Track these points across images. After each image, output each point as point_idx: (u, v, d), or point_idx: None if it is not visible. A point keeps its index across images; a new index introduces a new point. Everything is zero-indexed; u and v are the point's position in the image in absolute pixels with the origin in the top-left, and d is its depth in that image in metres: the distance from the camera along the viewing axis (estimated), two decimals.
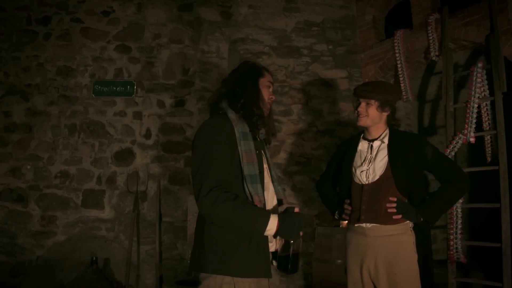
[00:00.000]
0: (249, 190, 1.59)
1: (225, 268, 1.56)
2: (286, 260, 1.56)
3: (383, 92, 2.22)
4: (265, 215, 1.54)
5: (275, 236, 1.57)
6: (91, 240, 4.05)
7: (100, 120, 4.24)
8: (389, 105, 2.24)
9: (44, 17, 4.34)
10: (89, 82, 4.28)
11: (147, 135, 4.26)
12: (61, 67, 4.29)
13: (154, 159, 4.22)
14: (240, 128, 1.66)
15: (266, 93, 1.81)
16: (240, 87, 1.76)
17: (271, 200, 1.72)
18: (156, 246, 3.99)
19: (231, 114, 1.70)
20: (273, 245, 1.68)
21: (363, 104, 2.24)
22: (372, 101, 2.21)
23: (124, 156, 4.21)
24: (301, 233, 1.57)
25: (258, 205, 1.58)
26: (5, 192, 4.09)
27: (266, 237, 1.60)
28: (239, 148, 1.62)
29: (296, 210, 1.60)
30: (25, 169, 4.13)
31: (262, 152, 1.78)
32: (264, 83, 1.81)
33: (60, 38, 4.33)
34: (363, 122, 2.25)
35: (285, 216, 1.56)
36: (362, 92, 2.23)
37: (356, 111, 2.28)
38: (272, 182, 1.79)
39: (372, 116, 2.23)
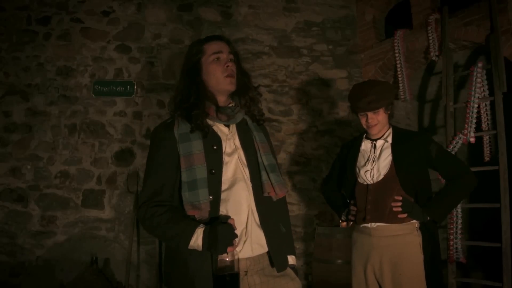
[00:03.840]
0: (185, 199, 1.42)
1: (170, 285, 1.49)
2: (221, 282, 1.34)
3: (386, 94, 2.20)
4: (190, 229, 1.36)
5: (204, 251, 1.36)
6: (91, 240, 4.04)
7: (100, 120, 4.24)
8: (391, 103, 2.25)
9: (44, 17, 4.34)
10: (89, 82, 4.27)
11: (147, 135, 4.25)
12: (61, 67, 4.28)
13: None
14: (180, 130, 1.49)
15: (216, 69, 1.53)
16: (179, 83, 1.59)
17: (236, 199, 1.47)
18: (156, 246, 3.99)
19: (177, 115, 1.55)
20: (239, 252, 1.44)
21: (371, 115, 2.20)
22: (380, 108, 2.19)
23: (124, 156, 4.21)
24: (230, 249, 1.32)
25: (196, 215, 1.40)
26: (5, 192, 4.09)
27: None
28: (179, 153, 1.46)
29: (230, 221, 1.37)
30: (25, 169, 4.13)
31: (237, 141, 1.54)
32: (207, 61, 1.54)
33: (60, 38, 4.32)
34: (377, 130, 2.24)
35: (210, 229, 1.34)
36: (371, 105, 2.16)
37: (366, 124, 2.23)
38: (259, 171, 1.53)
39: (382, 121, 2.23)
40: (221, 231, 1.33)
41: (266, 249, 1.50)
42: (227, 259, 1.33)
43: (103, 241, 4.06)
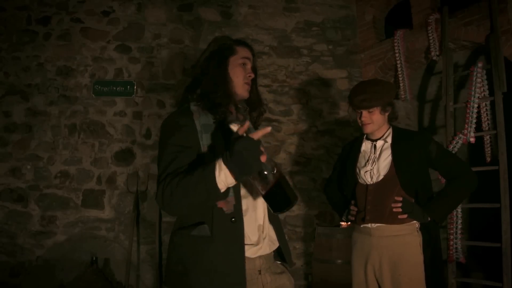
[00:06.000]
0: None
1: (186, 284, 1.37)
2: (274, 197, 1.24)
3: (382, 95, 2.18)
4: (211, 166, 1.25)
5: (237, 180, 1.26)
6: (91, 240, 4.04)
7: (100, 120, 4.24)
8: (390, 105, 2.23)
9: (44, 17, 4.34)
10: (89, 82, 4.28)
11: (147, 135, 4.26)
12: (61, 67, 4.28)
13: (154, 159, 4.21)
14: (202, 120, 1.45)
15: (240, 73, 1.56)
16: (202, 73, 1.55)
17: (253, 196, 1.48)
18: (156, 246, 3.99)
19: (193, 106, 1.51)
20: (259, 249, 1.44)
21: (365, 114, 2.20)
22: (374, 108, 2.18)
23: (124, 156, 4.21)
24: (263, 157, 1.20)
25: (224, 207, 1.37)
26: (5, 192, 4.09)
27: (240, 243, 1.37)
28: (201, 143, 1.41)
29: (241, 130, 1.24)
30: (25, 169, 4.13)
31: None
32: (235, 61, 1.57)
33: (60, 38, 4.32)
34: (369, 129, 2.23)
35: (229, 152, 1.22)
36: (363, 103, 2.17)
37: (359, 121, 2.23)
38: None
39: (377, 121, 2.21)
40: (243, 144, 1.19)
41: (277, 245, 1.53)
42: (265, 172, 1.20)
43: (103, 241, 4.06)
